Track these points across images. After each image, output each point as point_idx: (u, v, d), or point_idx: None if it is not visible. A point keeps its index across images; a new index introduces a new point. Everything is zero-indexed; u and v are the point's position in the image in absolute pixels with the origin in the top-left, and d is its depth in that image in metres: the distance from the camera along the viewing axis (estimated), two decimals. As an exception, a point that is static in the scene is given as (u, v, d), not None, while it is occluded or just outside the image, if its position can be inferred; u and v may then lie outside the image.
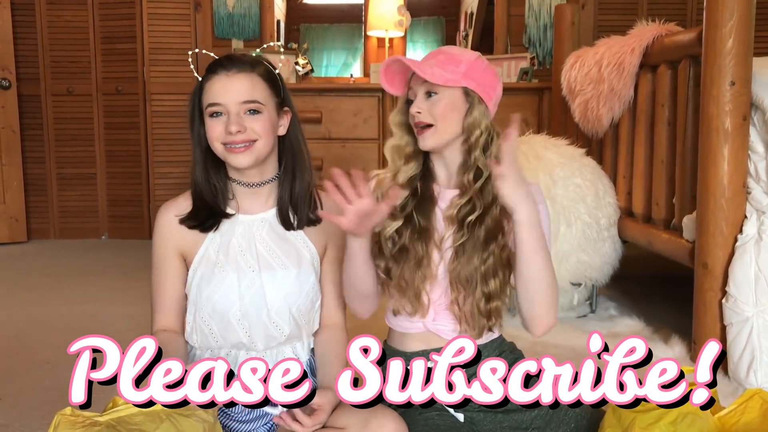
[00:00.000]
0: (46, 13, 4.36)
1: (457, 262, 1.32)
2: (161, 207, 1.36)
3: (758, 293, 1.83)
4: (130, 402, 1.05)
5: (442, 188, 1.38)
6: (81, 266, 3.69)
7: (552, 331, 2.34)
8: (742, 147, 1.89)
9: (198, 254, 1.32)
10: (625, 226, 2.60)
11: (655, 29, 2.45)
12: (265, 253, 1.32)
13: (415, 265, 1.32)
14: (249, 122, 1.26)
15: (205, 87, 1.28)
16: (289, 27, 4.85)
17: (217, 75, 1.27)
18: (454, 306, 1.34)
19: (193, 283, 1.32)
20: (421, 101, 1.31)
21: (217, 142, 1.27)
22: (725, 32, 1.85)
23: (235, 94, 1.26)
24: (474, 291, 1.31)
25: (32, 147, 4.45)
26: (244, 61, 1.28)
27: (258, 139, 1.27)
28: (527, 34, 4.30)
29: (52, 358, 2.18)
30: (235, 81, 1.26)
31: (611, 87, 2.59)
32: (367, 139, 3.86)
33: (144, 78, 4.29)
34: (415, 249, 1.32)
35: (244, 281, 1.30)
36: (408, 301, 1.33)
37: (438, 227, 1.35)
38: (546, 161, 2.50)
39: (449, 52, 1.34)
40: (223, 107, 1.26)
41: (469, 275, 1.31)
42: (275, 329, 1.31)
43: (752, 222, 1.89)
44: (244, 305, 1.29)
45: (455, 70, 1.30)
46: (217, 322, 1.30)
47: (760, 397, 1.21)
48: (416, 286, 1.33)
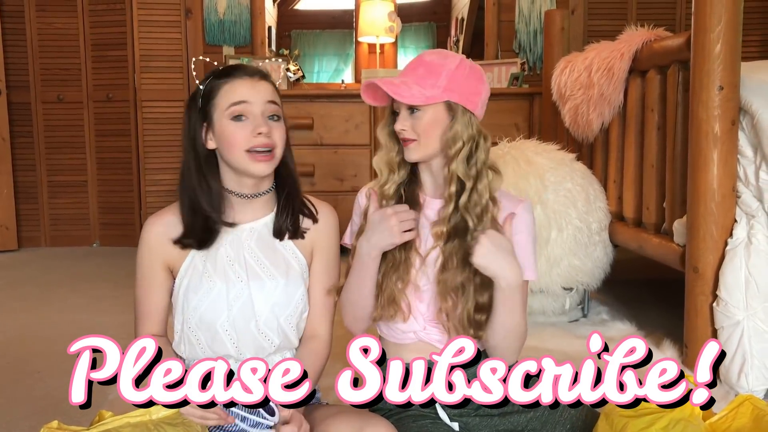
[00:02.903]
0: (36, 20, 4.35)
1: (446, 273, 1.32)
2: (147, 220, 1.34)
3: (749, 297, 1.84)
4: (130, 402, 1.05)
5: (428, 197, 1.39)
6: (72, 274, 3.66)
7: (544, 336, 2.37)
8: (732, 151, 1.90)
9: (184, 263, 1.30)
10: (616, 230, 2.61)
11: (644, 34, 2.47)
12: (253, 263, 1.30)
13: (392, 269, 1.33)
14: (272, 127, 1.27)
15: (221, 90, 1.26)
16: (280, 33, 4.84)
17: (240, 79, 1.27)
18: (441, 315, 1.34)
19: (180, 291, 1.30)
20: (405, 118, 1.32)
21: (239, 150, 1.25)
22: (713, 37, 1.86)
23: (262, 93, 1.27)
24: (466, 300, 1.31)
25: (22, 155, 4.43)
26: (260, 71, 1.31)
27: (276, 147, 1.27)
28: (517, 40, 4.32)
29: (42, 367, 2.16)
30: (261, 84, 1.28)
31: (601, 92, 2.60)
32: (358, 145, 3.86)
33: (135, 85, 4.28)
34: (392, 253, 1.33)
35: (233, 291, 1.28)
36: (386, 303, 1.34)
37: (421, 233, 1.36)
38: (537, 166, 2.50)
39: (429, 62, 1.32)
40: (250, 106, 1.25)
41: (459, 285, 1.31)
42: (264, 340, 1.30)
43: (742, 226, 1.89)
44: (232, 315, 1.28)
45: (435, 85, 1.29)
46: (204, 332, 1.29)
47: (751, 402, 1.21)
48: (391, 289, 1.33)
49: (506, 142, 2.66)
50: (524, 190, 2.42)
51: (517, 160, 2.51)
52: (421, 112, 1.31)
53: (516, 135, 2.86)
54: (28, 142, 4.44)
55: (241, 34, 4.29)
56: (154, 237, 1.31)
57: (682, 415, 1.16)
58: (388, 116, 1.37)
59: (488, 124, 1.34)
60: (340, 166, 3.87)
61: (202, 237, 1.29)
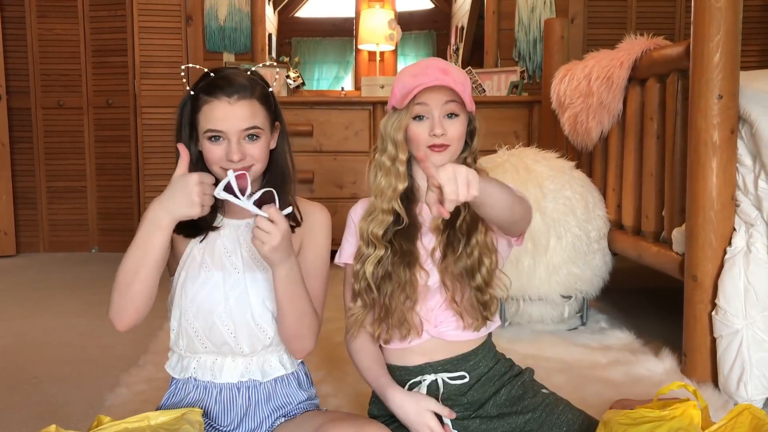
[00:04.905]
0: (37, 26, 4.36)
1: (446, 261, 1.35)
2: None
3: (748, 306, 1.84)
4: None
5: (422, 205, 1.39)
6: (71, 280, 3.66)
7: (543, 344, 2.37)
8: (731, 160, 1.90)
9: (183, 255, 1.32)
10: (615, 238, 2.61)
11: (643, 43, 2.47)
12: (247, 256, 1.32)
13: (398, 289, 1.34)
14: (248, 148, 1.27)
15: (203, 110, 1.27)
16: (280, 41, 4.86)
17: (218, 101, 1.25)
18: (452, 303, 1.35)
19: (177, 284, 1.32)
20: (443, 122, 1.31)
21: (216, 167, 1.28)
22: (713, 46, 1.87)
23: (236, 121, 1.25)
24: (469, 284, 1.34)
25: (22, 160, 4.43)
26: (244, 86, 1.26)
27: (254, 164, 1.28)
28: (517, 48, 4.33)
29: (39, 372, 2.15)
30: (237, 109, 1.25)
31: (600, 100, 2.60)
32: (358, 152, 3.86)
33: (135, 91, 4.28)
34: (397, 273, 1.33)
35: (229, 281, 1.30)
36: (395, 326, 1.35)
37: (423, 248, 1.37)
38: (536, 174, 2.51)
39: (453, 72, 1.33)
40: (224, 134, 1.26)
41: (460, 271, 1.34)
42: (259, 331, 1.31)
43: (741, 234, 1.89)
44: (228, 305, 1.29)
45: (464, 92, 1.32)
46: (201, 322, 1.30)
47: (750, 412, 1.21)
48: (401, 310, 1.34)
49: (505, 150, 2.66)
50: (523, 198, 2.42)
51: (516, 168, 2.51)
52: (459, 118, 1.33)
53: (515, 143, 2.86)
54: (27, 147, 4.44)
55: (241, 41, 4.30)
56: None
57: (681, 423, 1.16)
58: (407, 120, 1.33)
59: (488, 132, 1.35)
60: (339, 173, 3.87)
61: (189, 229, 1.30)
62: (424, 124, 1.32)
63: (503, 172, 2.49)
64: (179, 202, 1.18)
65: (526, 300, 2.51)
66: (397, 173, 1.36)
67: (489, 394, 1.39)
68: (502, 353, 1.49)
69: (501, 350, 1.50)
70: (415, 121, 1.33)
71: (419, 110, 1.32)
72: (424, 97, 1.30)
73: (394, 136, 1.34)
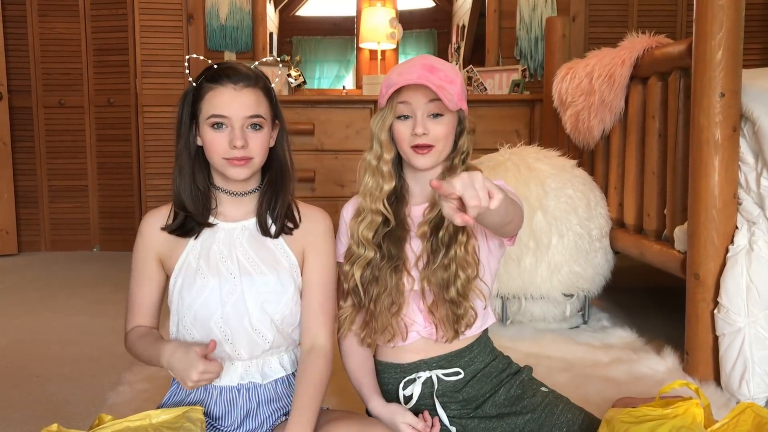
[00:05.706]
0: (38, 25, 4.36)
1: (427, 270, 1.33)
2: (146, 214, 1.38)
3: (750, 304, 1.83)
4: None
5: (411, 207, 1.38)
6: (72, 279, 3.66)
7: (544, 342, 2.37)
8: (733, 158, 1.90)
9: (179, 262, 1.32)
10: (616, 237, 2.61)
11: (645, 41, 2.47)
12: (244, 260, 1.31)
13: (385, 294, 1.33)
14: (251, 138, 1.27)
15: (206, 96, 1.27)
16: (281, 39, 4.86)
17: (224, 87, 1.26)
18: (429, 315, 1.34)
19: (174, 291, 1.32)
20: (426, 122, 1.29)
21: (217, 156, 1.27)
22: (715, 44, 1.87)
23: (242, 108, 1.26)
24: (443, 296, 1.32)
25: (23, 159, 4.43)
26: (249, 75, 1.28)
27: (254, 156, 1.28)
28: (518, 47, 4.32)
29: (41, 371, 2.16)
30: (243, 95, 1.26)
31: (602, 99, 2.60)
32: (359, 151, 3.78)
33: (136, 90, 4.28)
34: (384, 278, 1.33)
35: (225, 287, 1.29)
36: (378, 331, 1.34)
37: (411, 252, 1.36)
38: (537, 172, 2.50)
39: (442, 69, 1.31)
40: (229, 120, 1.26)
41: (438, 281, 1.32)
42: (258, 336, 1.30)
43: (743, 233, 1.89)
44: (225, 312, 1.28)
45: (454, 91, 1.29)
46: (198, 329, 1.30)
47: (753, 410, 1.20)
48: (385, 316, 1.33)
49: (507, 149, 2.66)
50: (525, 196, 2.42)
51: (518, 167, 2.51)
52: (443, 118, 1.30)
53: (517, 141, 2.86)
54: (29, 146, 4.44)
55: (242, 40, 4.29)
56: (149, 228, 1.34)
57: (683, 422, 1.15)
58: (391, 119, 1.33)
59: (489, 131, 1.35)
60: (340, 172, 3.87)
61: (184, 227, 1.31)
62: (408, 124, 1.31)
63: (505, 171, 2.49)
64: (176, 370, 1.20)
65: (527, 298, 2.51)
66: (382, 173, 1.35)
67: (486, 391, 1.38)
68: (500, 350, 1.48)
69: (502, 349, 1.50)
70: (400, 120, 1.32)
71: (403, 109, 1.31)
72: (407, 95, 1.29)
73: (379, 135, 1.34)
